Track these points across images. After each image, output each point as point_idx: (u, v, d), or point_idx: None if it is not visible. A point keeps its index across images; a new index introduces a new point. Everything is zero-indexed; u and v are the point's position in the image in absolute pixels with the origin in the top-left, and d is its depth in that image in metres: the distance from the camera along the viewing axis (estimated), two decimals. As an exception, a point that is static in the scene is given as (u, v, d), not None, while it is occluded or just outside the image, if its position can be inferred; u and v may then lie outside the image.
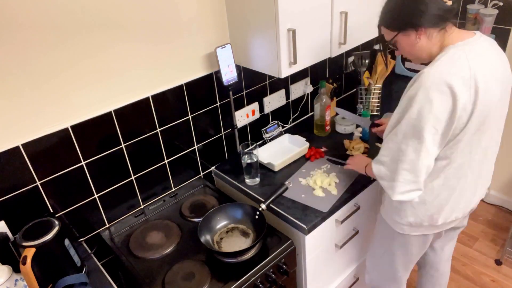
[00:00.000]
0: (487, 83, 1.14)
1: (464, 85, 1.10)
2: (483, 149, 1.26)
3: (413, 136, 1.17)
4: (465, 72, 1.11)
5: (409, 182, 1.23)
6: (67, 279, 1.25)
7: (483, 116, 1.17)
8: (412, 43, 1.20)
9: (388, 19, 1.23)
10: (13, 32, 1.14)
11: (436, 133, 1.15)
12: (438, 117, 1.13)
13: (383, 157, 1.28)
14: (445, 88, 1.10)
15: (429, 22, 1.15)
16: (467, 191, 1.32)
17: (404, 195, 1.25)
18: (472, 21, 2.29)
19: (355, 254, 1.88)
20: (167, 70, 1.52)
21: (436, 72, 1.12)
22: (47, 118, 1.29)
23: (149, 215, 1.65)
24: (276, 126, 2.01)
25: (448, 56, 1.15)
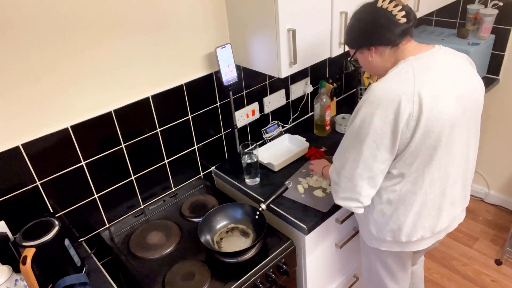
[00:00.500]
0: (437, 98, 1.11)
1: (407, 100, 1.09)
2: (443, 167, 1.21)
3: (354, 147, 1.19)
4: (409, 87, 1.10)
5: (348, 189, 1.24)
6: (67, 279, 1.25)
7: (433, 132, 1.13)
8: (367, 60, 1.24)
9: (347, 37, 1.27)
10: (12, 32, 1.14)
11: (377, 148, 1.15)
12: (378, 132, 1.13)
13: (335, 160, 1.31)
14: (387, 104, 1.10)
15: (380, 43, 1.17)
16: (430, 209, 1.27)
17: (344, 201, 1.27)
18: (472, 21, 2.30)
19: (355, 254, 1.88)
20: (167, 70, 1.53)
21: (381, 87, 1.13)
22: (47, 118, 1.29)
23: (149, 215, 1.65)
24: (276, 126, 2.01)
25: (395, 72, 1.15)
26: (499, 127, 2.52)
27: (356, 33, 1.23)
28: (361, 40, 1.21)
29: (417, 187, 1.23)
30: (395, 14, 1.13)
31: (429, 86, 1.11)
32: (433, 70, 1.14)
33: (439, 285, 2.23)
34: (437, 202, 1.28)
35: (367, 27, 1.18)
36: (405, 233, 1.30)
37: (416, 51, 1.17)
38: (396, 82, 1.12)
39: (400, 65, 1.16)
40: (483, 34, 2.25)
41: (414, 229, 1.29)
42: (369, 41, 1.19)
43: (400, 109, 1.09)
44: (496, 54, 2.35)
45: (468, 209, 2.76)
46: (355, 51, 1.25)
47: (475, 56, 2.17)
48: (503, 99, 2.43)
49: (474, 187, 2.82)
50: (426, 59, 1.16)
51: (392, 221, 1.30)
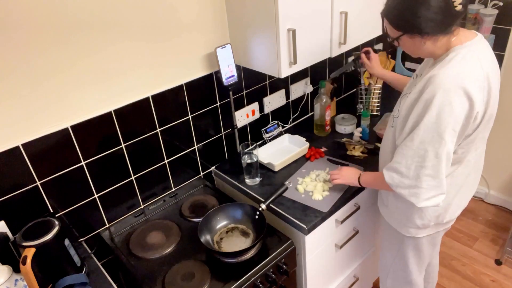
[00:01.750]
0: (495, 83, 1.17)
1: (479, 87, 1.11)
2: (483, 144, 1.31)
3: (433, 140, 1.14)
4: (479, 73, 1.12)
5: (433, 187, 1.20)
6: (67, 279, 1.25)
7: (491, 115, 1.21)
8: (416, 46, 1.18)
9: (394, 17, 1.16)
10: (12, 32, 1.14)
11: (455, 135, 1.15)
12: (457, 120, 1.12)
13: (397, 164, 1.23)
14: (462, 91, 1.10)
15: (436, 31, 1.13)
16: (471, 186, 1.36)
17: (430, 201, 1.22)
18: (472, 21, 2.29)
19: (355, 254, 1.88)
20: (167, 70, 1.52)
21: (452, 74, 1.11)
22: (47, 118, 1.29)
23: (149, 215, 1.65)
24: (276, 126, 2.01)
25: (461, 57, 1.14)
26: (499, 127, 2.52)
27: (409, 16, 1.11)
28: (415, 26, 1.12)
29: (467, 170, 1.29)
30: (454, 1, 1.08)
31: (492, 72, 1.15)
32: (487, 56, 1.18)
33: (439, 285, 2.23)
34: (476, 179, 1.36)
35: (424, 13, 1.09)
36: (449, 214, 1.34)
37: (467, 37, 1.18)
38: (466, 68, 1.12)
39: (462, 51, 1.15)
40: (483, 34, 2.24)
41: (456, 209, 1.35)
42: (425, 28, 1.12)
43: (475, 96, 1.10)
44: (496, 54, 2.32)
45: (468, 209, 2.76)
46: (402, 34, 1.16)
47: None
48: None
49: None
50: (480, 45, 1.18)
51: (440, 207, 1.31)
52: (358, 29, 1.70)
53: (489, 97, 1.15)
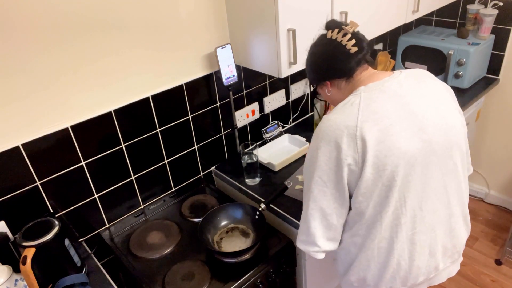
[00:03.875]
0: (386, 132, 1.00)
1: (349, 135, 1.01)
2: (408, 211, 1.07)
3: (306, 184, 1.12)
4: (352, 121, 1.01)
5: (304, 232, 1.16)
6: (67, 279, 1.25)
7: (386, 171, 1.01)
8: (326, 94, 1.21)
9: (307, 73, 1.25)
10: (13, 33, 1.14)
11: (325, 185, 1.07)
12: (323, 168, 1.05)
13: None
14: (330, 138, 1.03)
15: (333, 75, 1.14)
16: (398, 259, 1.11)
17: (303, 245, 1.18)
18: (472, 21, 2.30)
19: (355, 254, 1.88)
20: (167, 70, 1.53)
21: (326, 120, 1.07)
22: (47, 118, 1.29)
23: (149, 215, 1.65)
24: (276, 126, 2.01)
25: (342, 103, 1.08)
26: (499, 127, 2.53)
27: (311, 68, 1.20)
28: (317, 75, 1.19)
29: (375, 232, 1.10)
30: (345, 44, 1.08)
31: (374, 119, 1.01)
32: (383, 102, 1.03)
33: (439, 285, 2.23)
34: (406, 251, 1.11)
35: (319, 61, 1.16)
36: (372, 281, 1.17)
37: (369, 80, 1.09)
38: (341, 115, 1.04)
39: (349, 97, 1.09)
40: (483, 34, 2.25)
41: (381, 278, 1.15)
42: (324, 75, 1.16)
43: (342, 144, 1.01)
44: (496, 54, 2.35)
45: (468, 209, 2.75)
46: (315, 86, 1.23)
47: (475, 56, 2.17)
48: (503, 99, 2.43)
49: (474, 187, 2.82)
50: (376, 89, 1.06)
51: (356, 265, 1.18)
52: (358, 29, 1.70)
53: (365, 149, 0.99)
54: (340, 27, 1.11)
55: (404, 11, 1.88)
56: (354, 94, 1.08)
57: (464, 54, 2.15)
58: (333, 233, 1.14)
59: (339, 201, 1.09)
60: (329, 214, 1.10)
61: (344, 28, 1.10)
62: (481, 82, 2.37)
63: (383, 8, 1.75)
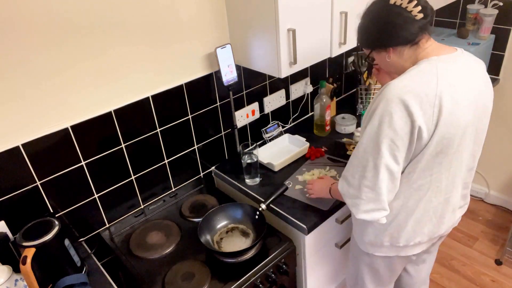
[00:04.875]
0: (456, 104, 1.07)
1: (425, 102, 1.04)
2: (450, 174, 1.18)
3: (373, 150, 1.10)
4: (430, 89, 1.05)
5: (372, 200, 1.15)
6: (67, 279, 1.25)
7: (447, 139, 1.09)
8: (385, 60, 1.18)
9: (360, 37, 1.21)
10: (14, 33, 1.14)
11: (397, 149, 1.08)
12: (398, 132, 1.06)
13: (346, 172, 1.21)
14: (402, 103, 1.04)
15: (397, 43, 1.11)
16: (432, 216, 1.24)
17: (368, 214, 1.17)
18: (472, 21, 2.30)
19: (355, 254, 1.88)
20: (167, 70, 1.52)
21: (401, 85, 1.06)
22: (47, 118, 1.29)
23: (149, 215, 1.65)
24: (276, 126, 2.01)
25: (418, 70, 1.09)
26: (499, 127, 2.52)
27: (370, 33, 1.16)
28: (377, 41, 1.15)
29: (422, 194, 1.18)
30: (411, 10, 1.07)
31: (451, 91, 1.06)
32: (456, 74, 1.09)
33: (439, 285, 2.23)
34: (439, 210, 1.23)
35: (381, 27, 1.12)
36: (404, 238, 1.26)
37: (439, 51, 1.12)
38: (418, 81, 1.06)
39: (423, 64, 1.10)
40: (483, 34, 2.25)
41: (413, 234, 1.25)
42: (386, 41, 1.13)
43: (420, 111, 1.04)
44: (496, 54, 2.35)
45: (468, 209, 2.74)
46: (371, 51, 1.20)
47: (475, 56, 2.17)
48: (503, 99, 2.43)
49: (474, 187, 2.82)
50: (450, 62, 1.10)
51: (391, 227, 1.25)
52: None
53: (440, 117, 1.05)
54: None
55: (404, 11, 1.88)
56: (429, 63, 1.09)
57: (464, 54, 2.15)
58: (393, 195, 1.17)
59: (404, 163, 1.13)
60: (396, 178, 1.13)
61: None
62: (481, 82, 2.37)
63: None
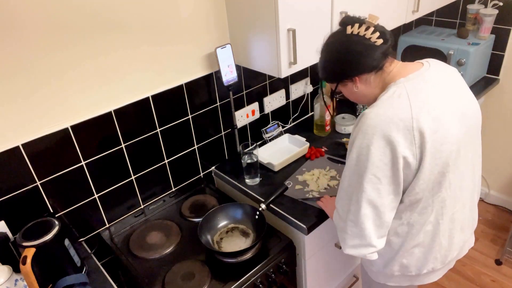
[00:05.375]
0: (438, 121, 1.03)
1: (405, 128, 1.00)
2: (452, 192, 1.13)
3: (355, 185, 1.07)
4: (406, 113, 1.01)
5: (356, 235, 1.11)
6: (67, 279, 1.25)
7: (441, 158, 1.05)
8: (352, 91, 1.15)
9: (324, 73, 1.19)
10: (14, 33, 1.14)
11: (379, 182, 1.04)
12: (377, 164, 1.02)
13: (337, 204, 1.18)
14: (380, 134, 1.01)
15: (361, 71, 1.09)
16: (441, 239, 1.19)
17: (355, 249, 1.13)
18: (472, 21, 2.30)
19: (355, 254, 1.88)
20: (167, 70, 1.52)
21: (374, 115, 1.03)
22: (47, 118, 1.29)
23: (149, 215, 1.65)
24: (276, 126, 2.01)
25: (387, 96, 1.05)
26: (499, 127, 2.52)
27: (333, 67, 1.14)
28: (341, 73, 1.12)
29: (426, 217, 1.14)
30: (370, 37, 1.06)
31: (427, 109, 1.02)
32: (429, 91, 1.05)
33: (439, 285, 2.23)
34: (447, 230, 1.18)
35: (344, 57, 1.10)
36: (414, 266, 1.21)
37: (405, 72, 1.09)
38: (390, 108, 1.02)
39: (391, 89, 1.06)
40: (483, 34, 2.25)
41: (424, 261, 1.20)
42: (350, 71, 1.10)
43: (399, 138, 1.00)
44: (496, 54, 2.35)
45: (468, 209, 2.76)
46: (337, 84, 1.17)
47: (475, 56, 2.17)
48: (503, 99, 2.43)
49: (474, 187, 2.82)
50: (419, 79, 1.07)
51: (399, 254, 1.20)
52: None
53: (423, 140, 1.01)
54: (361, 22, 1.08)
55: (404, 11, 1.88)
56: (397, 86, 1.06)
57: (464, 54, 2.15)
58: (384, 230, 1.12)
59: (392, 196, 1.08)
60: (382, 212, 1.08)
61: (366, 21, 1.08)
62: (481, 82, 2.37)
63: (383, 8, 1.75)
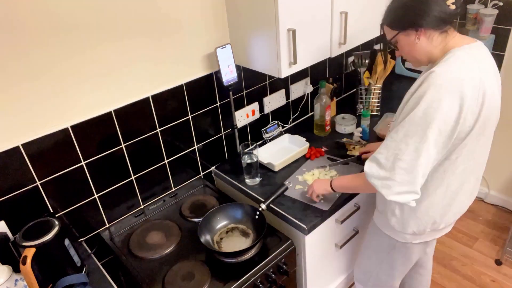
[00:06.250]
0: (492, 88, 1.14)
1: (473, 87, 1.08)
2: (482, 152, 1.26)
3: (416, 134, 1.11)
4: (475, 75, 1.09)
5: (406, 182, 1.16)
6: (67, 279, 1.25)
7: (488, 120, 1.16)
8: (412, 43, 1.17)
9: (391, 17, 1.20)
10: (13, 32, 1.14)
11: (440, 134, 1.10)
12: (445, 119, 1.08)
13: (379, 154, 1.21)
14: (454, 89, 1.07)
15: (430, 24, 1.12)
16: (468, 195, 1.32)
17: (400, 196, 1.18)
18: (472, 21, 2.30)
19: (355, 254, 1.88)
20: (167, 70, 1.52)
21: (447, 71, 1.09)
22: (47, 118, 1.29)
23: (149, 215, 1.65)
24: (276, 126, 2.01)
25: (456, 58, 1.12)
26: (499, 127, 2.49)
27: (405, 12, 1.15)
28: (410, 20, 1.14)
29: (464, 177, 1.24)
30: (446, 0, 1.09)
31: (489, 76, 1.13)
32: (486, 62, 1.15)
33: (439, 285, 2.23)
34: (471, 188, 1.31)
35: (418, 5, 1.11)
36: (445, 221, 1.32)
37: (464, 41, 1.16)
38: (461, 67, 1.10)
39: (458, 52, 1.13)
40: (483, 34, 2.25)
41: (452, 216, 1.32)
42: (420, 21, 1.12)
43: (468, 96, 1.07)
44: (496, 54, 2.35)
45: (468, 209, 2.74)
46: (398, 32, 1.18)
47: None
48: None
49: (474, 187, 2.82)
50: (480, 50, 1.16)
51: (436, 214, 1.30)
52: (358, 29, 1.70)
53: (484, 100, 1.11)
54: None
55: (404, 11, 1.88)
56: (463, 50, 1.13)
57: (464, 54, 2.15)
58: (423, 179, 1.18)
59: (444, 149, 1.15)
60: (432, 162, 1.16)
61: None
62: (481, 82, 2.37)
63: (383, 8, 1.74)
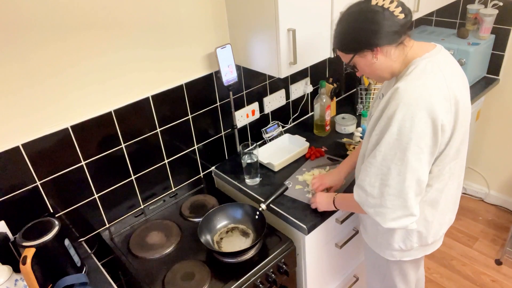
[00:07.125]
0: (461, 90, 1.12)
1: (444, 98, 1.06)
2: (461, 160, 1.24)
3: (395, 157, 1.08)
4: (441, 83, 1.07)
5: (398, 207, 1.13)
6: (67, 279, 1.25)
7: (464, 127, 1.16)
8: (370, 63, 1.15)
9: (341, 42, 1.17)
10: (13, 32, 1.14)
11: (421, 151, 1.08)
12: (421, 135, 1.06)
13: (361, 181, 1.18)
14: (424, 105, 1.04)
15: (384, 41, 1.09)
16: (451, 204, 1.29)
17: (396, 221, 1.15)
18: (472, 21, 2.30)
19: (355, 254, 1.88)
20: (167, 70, 1.53)
21: (413, 87, 1.06)
22: (47, 118, 1.29)
23: (149, 215, 1.65)
24: (276, 126, 2.01)
25: (420, 70, 1.09)
26: (499, 127, 2.52)
27: (355, 35, 1.12)
28: (363, 41, 1.11)
29: (443, 184, 1.22)
30: (393, 11, 1.07)
31: (454, 80, 1.11)
32: (450, 66, 1.14)
33: (439, 285, 2.23)
34: (455, 196, 1.29)
35: (367, 26, 1.09)
36: (431, 235, 1.28)
37: (423, 49, 1.14)
38: (427, 80, 1.07)
39: (422, 63, 1.10)
40: (483, 34, 2.25)
41: (439, 228, 1.29)
42: (374, 40, 1.09)
43: (439, 107, 1.05)
44: (496, 54, 2.35)
45: (468, 209, 2.77)
46: (353, 56, 1.15)
47: (475, 56, 2.17)
48: (503, 99, 2.43)
49: (474, 187, 2.82)
50: (440, 56, 1.13)
51: (420, 226, 1.25)
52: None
53: (457, 107, 1.09)
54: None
55: (404, 11, 1.88)
56: (425, 60, 1.11)
57: (464, 54, 2.15)
58: (419, 198, 1.16)
59: (429, 164, 1.13)
60: (422, 181, 1.12)
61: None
62: (481, 82, 2.37)
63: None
